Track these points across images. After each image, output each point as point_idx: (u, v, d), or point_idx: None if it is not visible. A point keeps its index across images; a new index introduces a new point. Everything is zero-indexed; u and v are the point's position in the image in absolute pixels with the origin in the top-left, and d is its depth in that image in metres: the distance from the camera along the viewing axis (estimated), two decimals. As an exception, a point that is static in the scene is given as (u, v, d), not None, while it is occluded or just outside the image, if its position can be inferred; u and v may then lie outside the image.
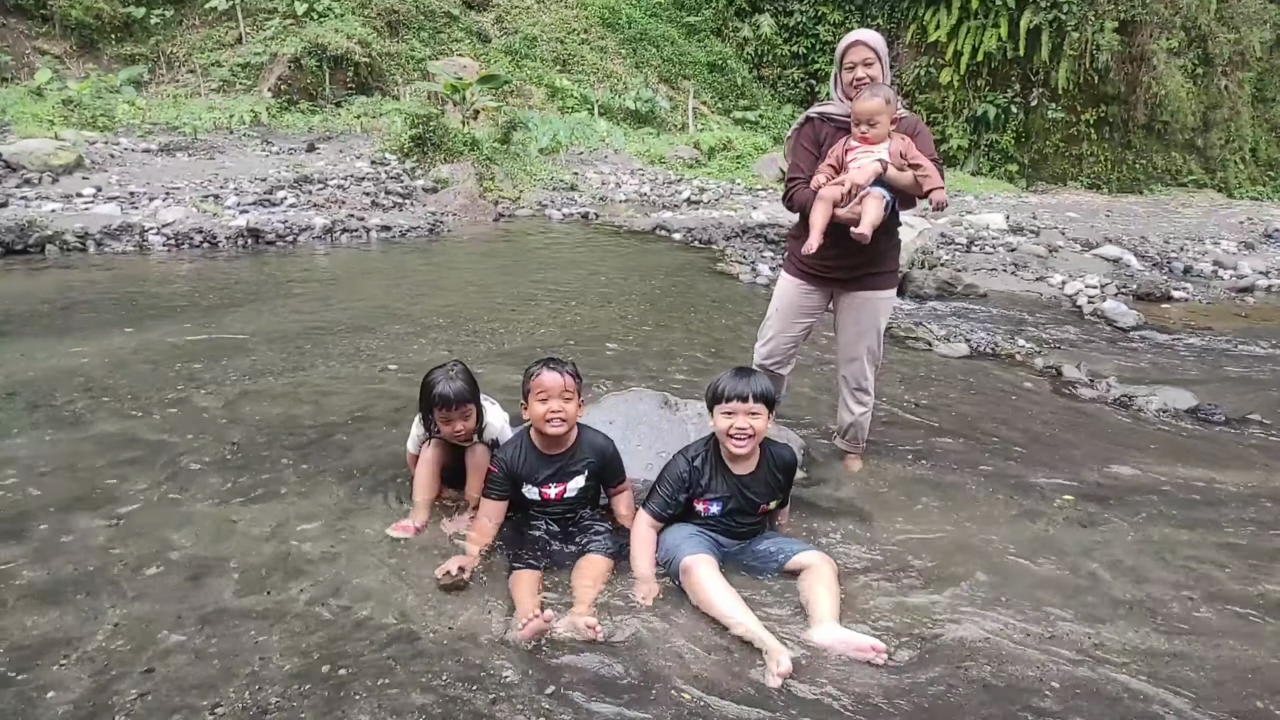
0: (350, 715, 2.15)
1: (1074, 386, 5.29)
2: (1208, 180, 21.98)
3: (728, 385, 2.84)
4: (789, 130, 3.75)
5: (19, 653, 2.35)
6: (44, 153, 9.65)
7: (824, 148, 3.54)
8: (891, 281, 3.69)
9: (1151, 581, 2.92)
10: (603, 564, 2.80)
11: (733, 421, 2.81)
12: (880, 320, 3.69)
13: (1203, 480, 3.83)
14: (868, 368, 3.73)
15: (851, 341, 3.71)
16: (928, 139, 3.48)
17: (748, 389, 2.81)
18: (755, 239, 10.47)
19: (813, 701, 2.26)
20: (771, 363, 3.81)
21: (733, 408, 2.81)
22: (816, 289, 3.70)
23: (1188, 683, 2.37)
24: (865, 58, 3.40)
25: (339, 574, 2.79)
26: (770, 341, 3.81)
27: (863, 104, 3.32)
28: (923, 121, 3.60)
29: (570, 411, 2.90)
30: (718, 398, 2.86)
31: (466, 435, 3.17)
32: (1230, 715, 2.24)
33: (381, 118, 15.00)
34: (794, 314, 3.75)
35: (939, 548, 3.12)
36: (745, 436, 2.81)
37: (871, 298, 3.64)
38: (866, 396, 3.78)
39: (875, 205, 3.34)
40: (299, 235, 8.88)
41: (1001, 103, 21.02)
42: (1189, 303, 8.80)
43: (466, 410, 3.10)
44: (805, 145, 3.60)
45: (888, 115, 3.32)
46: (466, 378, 3.12)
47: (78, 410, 4.07)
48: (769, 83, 22.81)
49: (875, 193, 3.36)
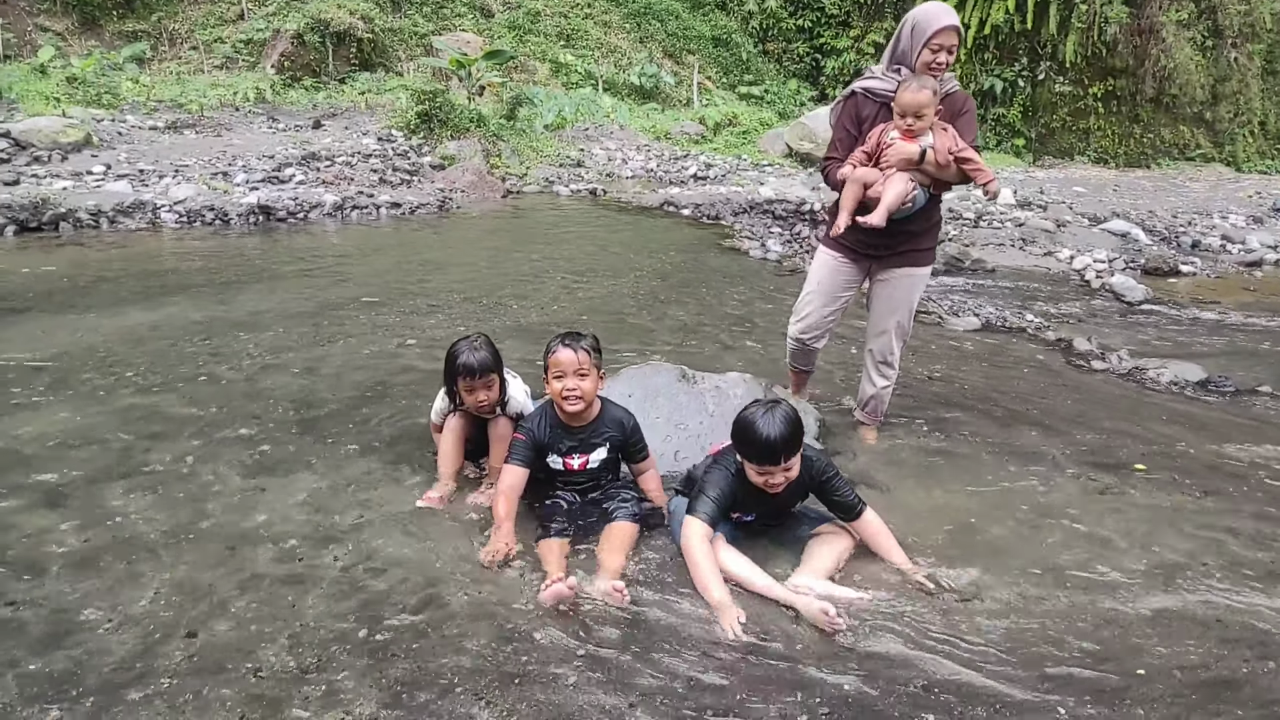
0: (389, 675, 2.22)
1: (1085, 359, 5.33)
2: (1216, 154, 21.83)
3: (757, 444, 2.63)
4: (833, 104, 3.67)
5: (64, 617, 2.41)
6: (52, 130, 9.65)
7: (864, 126, 3.48)
8: (928, 259, 3.69)
9: (1164, 548, 2.98)
10: (629, 530, 2.86)
11: (767, 480, 2.70)
12: (913, 296, 3.70)
13: (1214, 450, 3.88)
14: (895, 342, 3.76)
15: (883, 315, 3.74)
16: (973, 120, 3.42)
17: (779, 447, 2.62)
18: (764, 214, 10.47)
19: (839, 657, 2.33)
20: (809, 338, 3.86)
21: (765, 469, 2.67)
22: (854, 264, 3.71)
23: (1200, 645, 2.43)
24: (953, 44, 3.25)
25: (369, 542, 2.86)
26: (808, 317, 3.83)
27: (910, 96, 3.21)
28: (971, 99, 3.50)
29: (586, 388, 2.93)
30: (747, 454, 2.69)
31: (490, 406, 3.22)
32: (1242, 672, 2.30)
33: (386, 94, 14.94)
34: (833, 289, 3.76)
35: (954, 517, 3.17)
36: (780, 488, 2.72)
37: (908, 274, 3.65)
38: (891, 371, 3.81)
39: (896, 187, 3.31)
40: (309, 212, 8.90)
41: (1008, 76, 20.86)
42: (1197, 277, 8.81)
43: (490, 380, 3.16)
44: (846, 124, 3.54)
45: (933, 108, 3.24)
46: (489, 349, 3.18)
47: (102, 385, 4.12)
48: (774, 57, 22.63)
49: (900, 176, 3.32)
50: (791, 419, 2.66)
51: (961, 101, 3.42)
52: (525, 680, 2.22)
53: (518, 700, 2.14)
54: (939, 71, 3.29)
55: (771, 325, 5.77)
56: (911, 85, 3.23)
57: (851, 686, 2.23)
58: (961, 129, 3.36)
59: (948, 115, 3.37)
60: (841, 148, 3.54)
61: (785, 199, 11.00)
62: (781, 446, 2.62)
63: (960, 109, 3.40)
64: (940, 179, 3.40)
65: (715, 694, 2.19)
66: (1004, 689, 2.23)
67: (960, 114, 3.39)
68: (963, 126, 3.36)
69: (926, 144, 3.29)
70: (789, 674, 2.28)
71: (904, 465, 3.63)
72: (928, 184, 3.43)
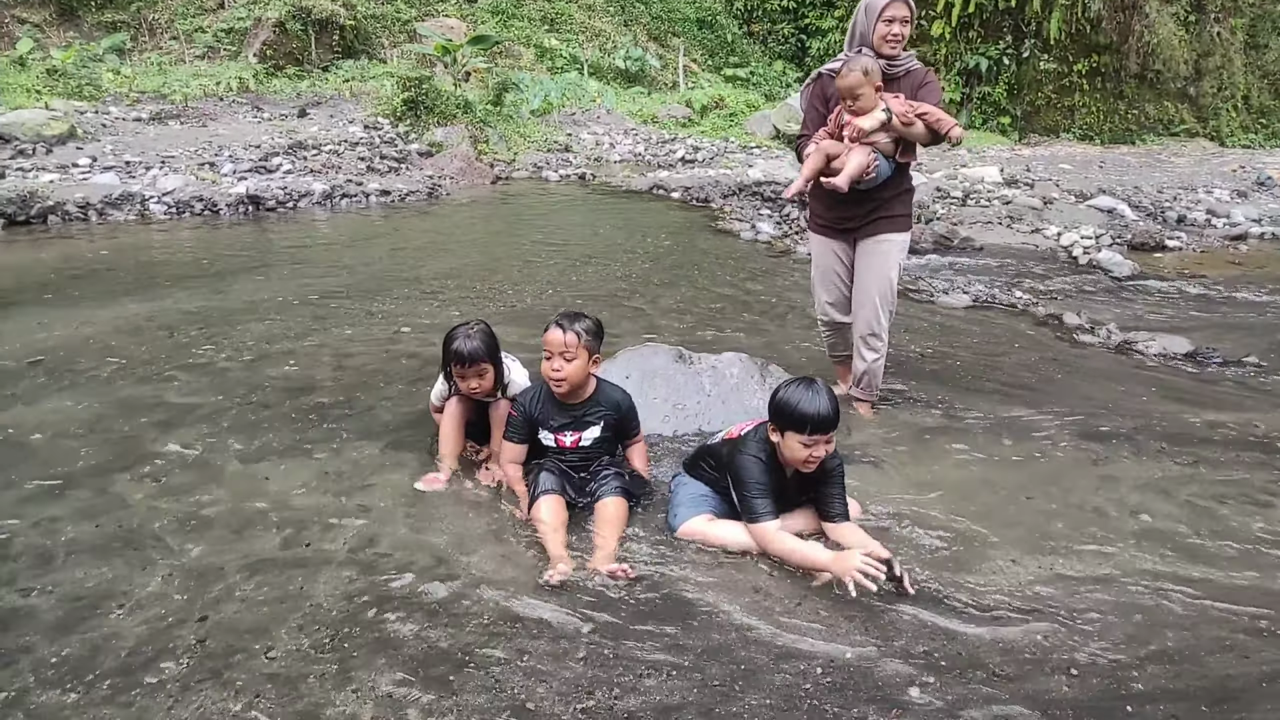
0: (401, 654, 2.26)
1: (1075, 333, 5.39)
2: (1200, 129, 21.93)
3: (811, 413, 2.63)
4: (802, 86, 3.90)
5: (76, 604, 2.44)
6: (36, 123, 9.58)
7: (831, 104, 3.68)
8: (903, 225, 3.81)
9: (1155, 516, 3.04)
10: (619, 506, 2.90)
11: (811, 452, 2.68)
12: (890, 265, 3.79)
13: (1202, 420, 3.95)
14: (881, 314, 3.82)
15: (864, 287, 3.83)
16: (935, 90, 3.59)
17: (831, 418, 2.65)
18: (753, 196, 10.49)
19: (839, 626, 2.38)
20: (829, 312, 4.02)
21: (814, 440, 2.66)
22: (840, 241, 3.88)
23: (1190, 603, 2.50)
24: (905, 15, 3.50)
25: (373, 526, 2.89)
26: (822, 296, 4.03)
27: (841, 81, 3.45)
28: (933, 73, 3.69)
29: (569, 370, 2.94)
30: (797, 424, 2.65)
31: (483, 392, 3.26)
32: (1233, 633, 2.37)
33: (370, 81, 14.84)
34: (826, 265, 3.96)
35: (948, 491, 3.23)
36: (817, 463, 2.73)
37: (884, 239, 3.76)
38: (879, 343, 3.87)
39: (858, 157, 3.47)
40: (299, 201, 8.88)
41: (993, 55, 20.86)
42: (1183, 251, 8.88)
43: (481, 369, 3.19)
44: (814, 103, 3.78)
45: (870, 85, 3.42)
46: (485, 338, 3.20)
47: (101, 375, 4.13)
48: (759, 39, 22.58)
49: (861, 147, 3.50)
50: (831, 390, 2.73)
51: (921, 75, 3.63)
52: (534, 656, 2.26)
53: (528, 675, 2.19)
54: (897, 42, 3.52)
55: (764, 306, 5.82)
56: (842, 70, 3.45)
57: (853, 654, 2.28)
58: (925, 98, 3.54)
59: (909, 90, 3.56)
60: (811, 125, 3.78)
61: (774, 180, 11.02)
62: (834, 416, 2.66)
63: (920, 82, 3.60)
64: (909, 138, 3.55)
65: (721, 665, 2.24)
66: (998, 657, 2.28)
67: (921, 86, 3.58)
68: (925, 95, 3.55)
69: (884, 108, 3.46)
70: (791, 643, 2.33)
71: (898, 441, 3.69)
72: (892, 154, 3.59)
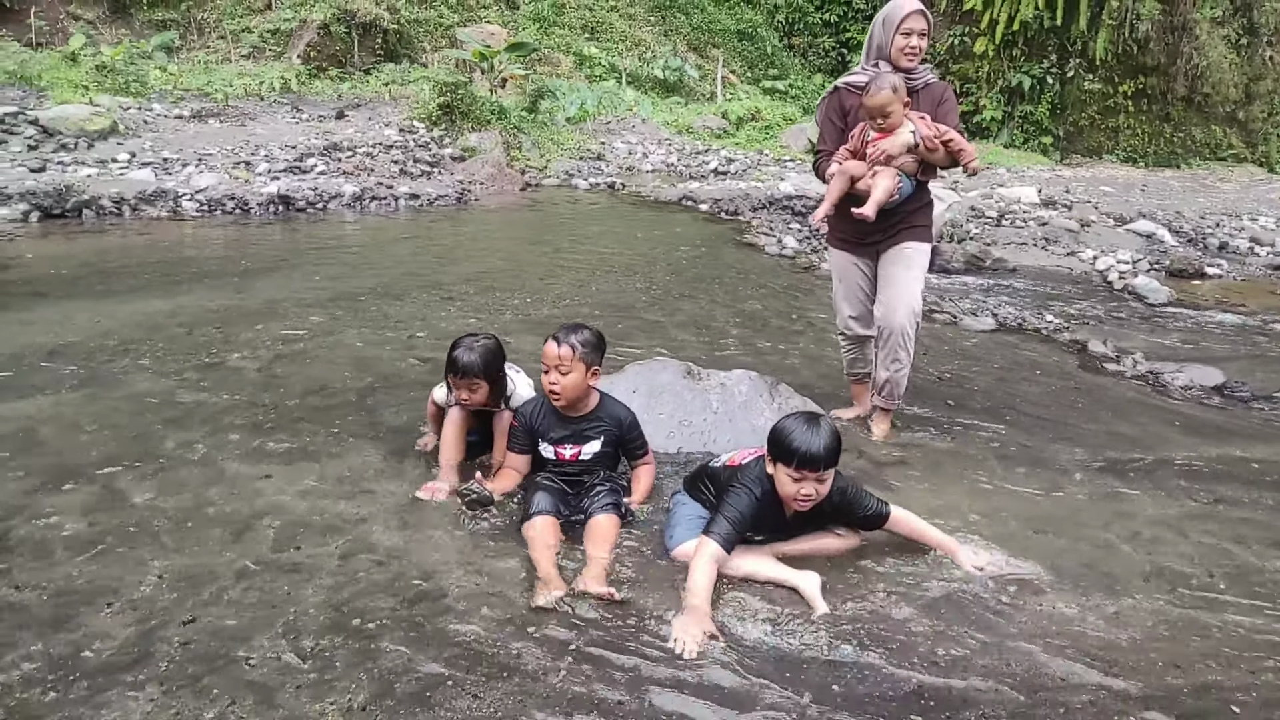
0: (380, 665, 2.24)
1: (1099, 362, 5.26)
2: (1248, 154, 21.46)
3: (800, 448, 2.56)
4: (819, 100, 3.86)
5: (66, 600, 2.45)
6: (80, 118, 9.80)
7: (849, 118, 3.66)
8: (925, 235, 3.79)
9: (1170, 555, 2.94)
10: (610, 524, 2.86)
11: (800, 489, 2.61)
12: (915, 275, 3.75)
13: (1224, 456, 3.82)
14: (907, 324, 3.77)
15: (890, 296, 3.79)
16: (953, 109, 3.58)
17: (822, 454, 2.56)
18: (783, 210, 10.43)
19: (828, 657, 2.32)
20: (852, 327, 4.00)
21: (802, 475, 2.59)
22: (862, 255, 3.85)
23: (1201, 652, 2.40)
24: (923, 28, 3.49)
25: (369, 533, 2.88)
26: (845, 311, 4.00)
27: (870, 99, 3.40)
28: (951, 88, 3.66)
29: (565, 383, 2.92)
30: (786, 456, 2.59)
31: (474, 405, 3.23)
32: (1241, 678, 2.27)
33: (410, 85, 15.02)
34: (850, 280, 3.94)
35: (958, 519, 3.15)
36: (809, 503, 2.65)
37: (908, 248, 3.73)
38: (904, 354, 3.81)
39: (884, 182, 3.45)
40: (329, 202, 8.99)
41: (1037, 73, 20.60)
42: (1223, 279, 8.66)
43: (474, 383, 3.14)
44: (831, 118, 3.75)
45: (898, 103, 3.40)
46: (486, 353, 3.15)
47: (116, 371, 4.19)
48: (799, 51, 22.52)
49: (887, 170, 3.46)
50: (834, 430, 2.63)
51: (940, 92, 3.60)
52: (516, 674, 2.23)
53: (507, 693, 2.15)
54: (914, 56, 3.50)
55: (783, 321, 5.76)
56: (870, 88, 3.41)
57: (841, 687, 2.22)
58: (944, 117, 3.51)
59: (928, 105, 3.53)
60: (829, 140, 3.75)
61: (805, 195, 10.94)
62: (824, 455, 2.56)
63: (939, 99, 3.57)
64: (931, 162, 3.57)
65: (705, 690, 2.19)
66: (995, 693, 2.21)
67: (940, 103, 3.55)
68: (944, 114, 3.53)
69: (911, 130, 3.44)
70: (778, 671, 2.28)
71: (910, 465, 3.61)
72: (914, 172, 3.59)
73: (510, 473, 3.13)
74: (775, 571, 2.67)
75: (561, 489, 3.02)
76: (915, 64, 3.52)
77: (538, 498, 2.91)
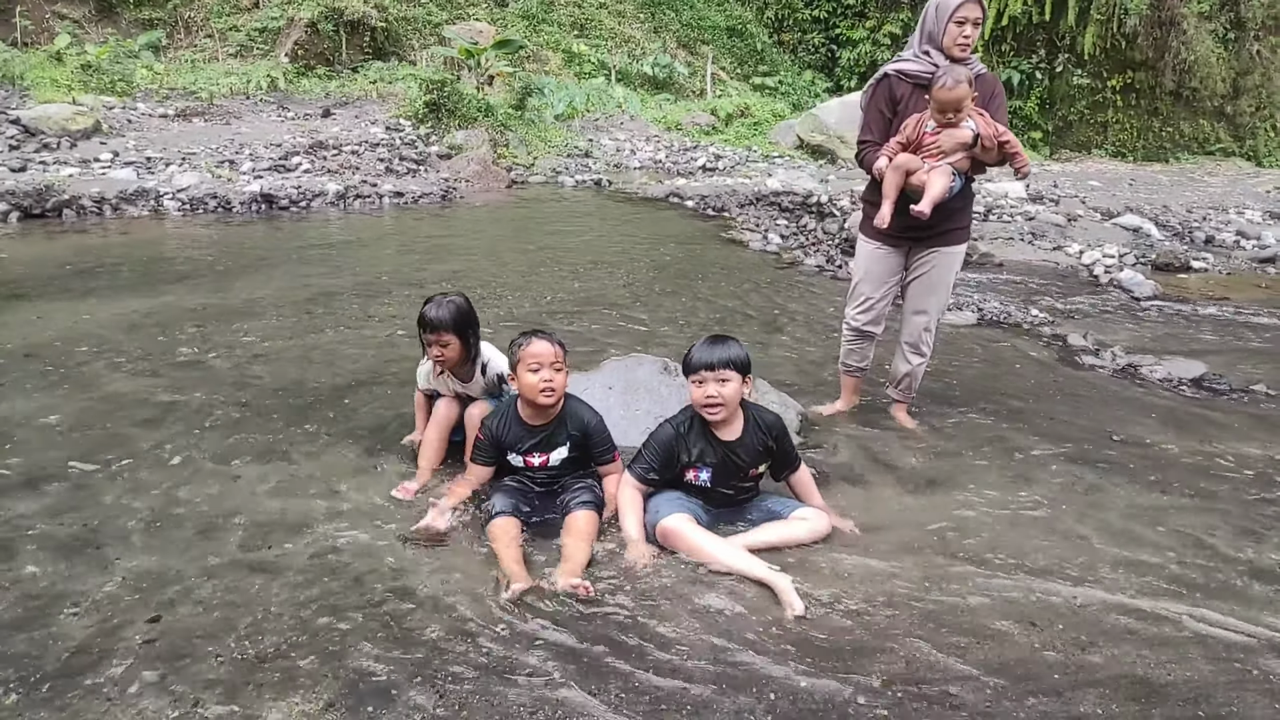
0: (346, 665, 2.22)
1: (1079, 355, 5.26)
2: (1236, 148, 21.50)
3: (695, 355, 2.83)
4: (864, 85, 3.75)
5: (31, 601, 2.44)
6: (62, 117, 9.74)
7: (900, 107, 3.54)
8: (963, 237, 3.75)
9: (1142, 546, 2.94)
10: (589, 519, 2.85)
11: (704, 391, 2.81)
12: (950, 277, 3.75)
13: (1199, 448, 3.82)
14: (932, 323, 3.80)
15: (920, 295, 3.78)
16: (1003, 104, 3.51)
17: (713, 357, 2.80)
18: (770, 207, 10.41)
19: (800, 651, 2.31)
20: (865, 323, 3.91)
21: (701, 377, 2.81)
22: (894, 249, 3.77)
23: (1169, 641, 2.40)
24: (977, 16, 3.35)
25: (341, 532, 2.86)
26: (861, 304, 3.90)
27: (948, 93, 3.29)
28: (1000, 82, 3.58)
29: (560, 382, 2.92)
30: (687, 368, 2.86)
31: (449, 364, 3.27)
32: (1210, 667, 2.27)
33: (397, 83, 14.96)
34: (880, 275, 3.83)
35: (932, 512, 3.14)
36: (716, 404, 2.82)
37: (945, 253, 3.70)
38: (926, 349, 3.86)
39: (941, 180, 3.37)
40: (312, 201, 8.95)
41: (1026, 68, 20.63)
42: (1208, 273, 8.67)
43: (443, 338, 3.18)
44: (880, 106, 3.60)
45: (970, 98, 3.31)
46: (455, 310, 3.20)
47: (92, 371, 4.16)
48: (789, 48, 22.49)
49: (943, 168, 3.39)
50: (732, 341, 2.88)
51: (992, 84, 3.49)
52: (484, 672, 2.21)
53: (473, 692, 2.14)
54: (967, 45, 3.37)
55: (766, 318, 5.75)
56: (947, 81, 3.28)
57: (809, 682, 2.21)
58: (994, 113, 3.42)
59: (981, 99, 3.42)
60: (875, 130, 3.61)
61: (792, 191, 10.93)
62: (716, 358, 2.79)
63: (991, 92, 3.47)
64: (983, 161, 3.47)
65: (678, 688, 2.18)
66: (965, 685, 2.20)
67: (992, 98, 3.46)
68: (995, 110, 3.43)
69: (972, 129, 3.35)
70: (751, 667, 2.27)
71: (886, 459, 3.61)
72: (965, 169, 3.49)
73: (468, 482, 3.07)
74: (748, 565, 2.66)
75: (522, 488, 3.01)
76: (967, 54, 3.40)
77: (496, 499, 2.90)
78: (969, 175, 3.57)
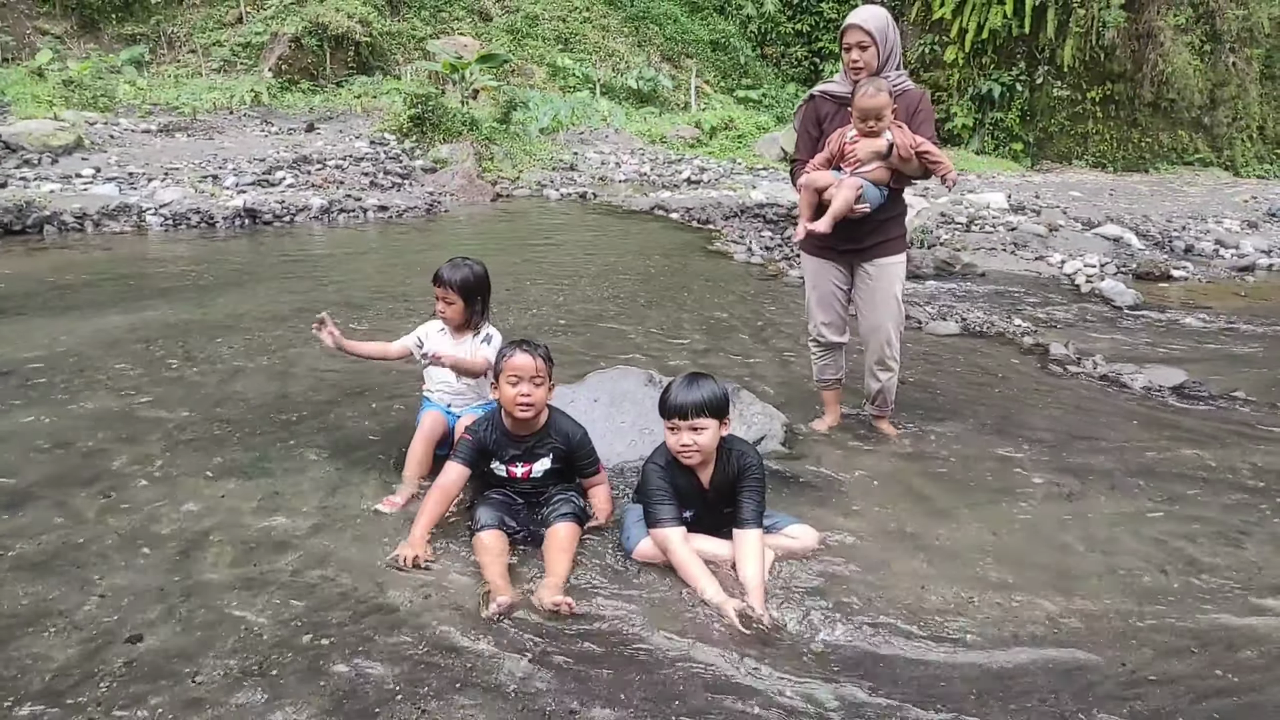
0: (328, 682, 2.21)
1: (1060, 364, 5.30)
2: (1214, 158, 21.77)
3: (671, 398, 2.73)
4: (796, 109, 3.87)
5: (9, 622, 2.41)
6: (43, 133, 9.69)
7: (824, 125, 3.66)
8: (900, 246, 3.79)
9: (1123, 554, 2.96)
10: (570, 531, 2.84)
11: (679, 440, 2.73)
12: (896, 287, 3.77)
13: (1179, 456, 3.85)
14: (893, 335, 3.81)
15: (870, 312, 3.81)
16: (929, 116, 3.56)
17: (687, 403, 2.69)
18: (754, 218, 10.46)
19: (787, 666, 2.32)
20: (826, 334, 3.93)
21: (674, 424, 2.73)
22: (837, 263, 3.82)
23: (1152, 645, 2.42)
24: (859, 40, 3.45)
25: (323, 547, 2.85)
26: (818, 318, 3.93)
27: (866, 101, 3.36)
28: (927, 96, 3.65)
29: (539, 396, 2.89)
30: (661, 412, 2.77)
31: (450, 322, 3.47)
32: (1188, 673, 2.29)
33: (382, 97, 14.98)
34: (824, 287, 3.88)
35: (914, 523, 3.16)
36: (691, 451, 2.74)
37: (883, 265, 3.74)
38: (893, 363, 3.88)
39: (843, 194, 3.44)
40: (296, 215, 8.92)
41: (1006, 81, 20.83)
42: (1188, 282, 8.77)
43: (449, 296, 3.39)
44: (807, 126, 3.74)
45: (889, 108, 3.38)
46: (469, 274, 3.41)
47: (72, 388, 4.13)
48: (772, 61, 22.67)
49: (848, 182, 3.46)
50: (708, 382, 2.75)
51: (916, 99, 3.56)
52: (466, 688, 2.20)
53: (457, 709, 2.13)
54: (859, 68, 3.48)
55: (750, 330, 5.77)
56: (868, 90, 3.36)
57: (800, 696, 2.21)
58: (918, 127, 3.48)
59: (903, 113, 3.49)
60: (804, 149, 3.74)
61: (777, 203, 11.00)
62: (689, 404, 2.68)
63: (915, 107, 3.53)
64: (904, 172, 3.54)
65: (660, 703, 2.18)
66: (947, 697, 2.21)
67: (915, 113, 3.52)
68: (919, 124, 3.49)
69: (888, 139, 3.41)
70: (732, 682, 2.27)
71: (868, 470, 3.62)
72: (886, 181, 3.55)
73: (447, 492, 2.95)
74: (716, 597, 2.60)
75: (507, 501, 3.00)
76: (860, 78, 3.47)
77: (481, 513, 2.88)
78: (892, 185, 3.60)
